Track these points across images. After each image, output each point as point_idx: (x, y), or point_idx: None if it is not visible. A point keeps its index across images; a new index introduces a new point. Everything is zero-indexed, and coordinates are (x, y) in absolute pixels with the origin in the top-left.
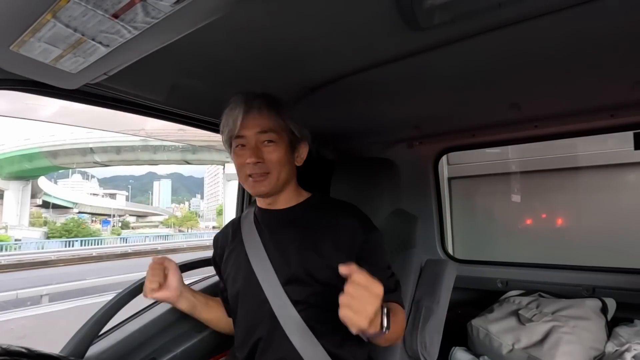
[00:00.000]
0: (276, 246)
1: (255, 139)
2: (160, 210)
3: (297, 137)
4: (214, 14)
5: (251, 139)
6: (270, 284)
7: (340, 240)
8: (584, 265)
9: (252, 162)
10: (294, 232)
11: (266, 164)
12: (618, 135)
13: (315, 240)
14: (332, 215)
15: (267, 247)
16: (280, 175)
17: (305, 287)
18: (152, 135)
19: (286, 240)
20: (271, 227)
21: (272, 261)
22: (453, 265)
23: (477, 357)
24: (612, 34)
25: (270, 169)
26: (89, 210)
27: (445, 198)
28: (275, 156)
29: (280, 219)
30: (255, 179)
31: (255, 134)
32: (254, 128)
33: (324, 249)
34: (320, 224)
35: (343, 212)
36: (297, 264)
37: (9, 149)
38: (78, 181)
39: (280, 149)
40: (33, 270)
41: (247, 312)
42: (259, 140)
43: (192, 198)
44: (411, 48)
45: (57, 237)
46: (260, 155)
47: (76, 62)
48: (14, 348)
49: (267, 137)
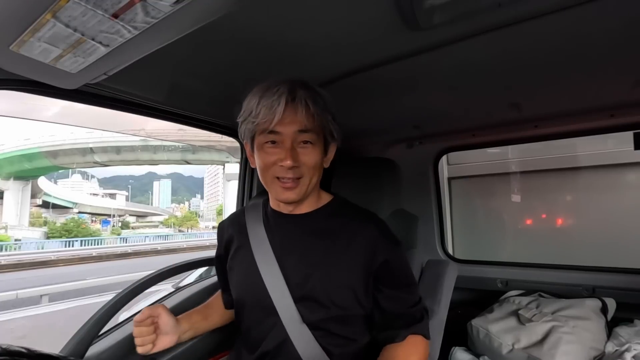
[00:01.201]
0: (289, 256)
1: (292, 137)
2: (160, 210)
3: (334, 138)
4: (214, 14)
5: (287, 137)
6: (281, 296)
7: (358, 256)
8: (584, 265)
9: (288, 166)
10: (309, 242)
11: (300, 168)
12: (618, 135)
13: (332, 255)
14: (352, 225)
15: (277, 255)
16: (312, 180)
17: (320, 307)
18: (152, 135)
19: (301, 251)
20: (284, 233)
21: (284, 272)
22: (454, 266)
23: (477, 357)
24: (612, 34)
25: (304, 174)
26: (89, 210)
27: (445, 198)
28: (311, 160)
29: (297, 226)
30: (285, 184)
31: (293, 132)
32: (294, 125)
33: (343, 266)
34: (339, 236)
35: (364, 224)
36: (313, 281)
37: (9, 149)
38: (78, 181)
39: (317, 151)
40: (33, 271)
41: (254, 322)
42: (296, 140)
43: (192, 198)
44: (411, 48)
45: (57, 237)
46: (297, 159)
47: (76, 62)
48: (14, 348)
49: (306, 138)
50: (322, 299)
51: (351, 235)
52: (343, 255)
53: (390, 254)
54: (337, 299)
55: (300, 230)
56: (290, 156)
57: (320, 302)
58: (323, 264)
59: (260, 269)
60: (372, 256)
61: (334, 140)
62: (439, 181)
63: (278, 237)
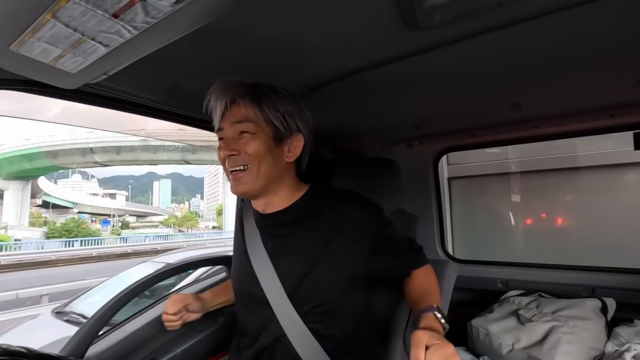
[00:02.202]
0: (279, 253)
1: (232, 130)
2: (160, 210)
3: (281, 130)
4: (214, 14)
5: (228, 130)
6: (275, 293)
7: (350, 238)
8: (583, 265)
9: (226, 155)
10: (296, 237)
11: (241, 156)
12: (617, 135)
13: (320, 245)
14: (336, 209)
15: (269, 252)
16: (261, 169)
17: (314, 303)
18: (152, 135)
19: (289, 247)
20: (271, 232)
21: (277, 268)
22: (454, 266)
23: (477, 357)
24: (612, 34)
25: (248, 162)
26: (89, 210)
27: (445, 198)
28: (251, 148)
29: (279, 224)
30: (235, 175)
31: (231, 124)
32: (230, 119)
33: (332, 254)
34: (324, 223)
35: (348, 204)
36: (306, 280)
37: (8, 149)
38: (78, 181)
39: (258, 140)
40: (33, 271)
41: (251, 317)
42: (235, 131)
43: (192, 198)
44: (411, 48)
45: (56, 237)
46: (233, 147)
47: (76, 62)
48: (13, 348)
49: (242, 128)
50: (315, 295)
51: (334, 223)
52: (331, 241)
53: (380, 227)
54: (329, 294)
55: (282, 226)
56: (227, 145)
57: (313, 299)
58: (312, 261)
59: (254, 267)
60: (362, 235)
61: (293, 133)
62: (439, 181)
63: (266, 235)
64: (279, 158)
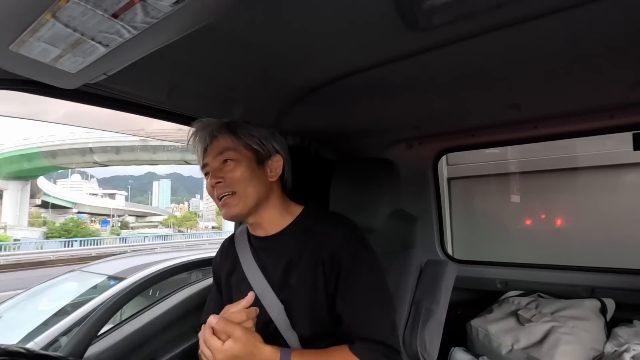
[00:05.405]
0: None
1: (216, 161)
2: (160, 211)
3: (261, 152)
4: (214, 14)
5: (213, 163)
6: (274, 307)
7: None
8: (583, 265)
9: (213, 184)
10: (285, 265)
11: (227, 182)
12: (617, 135)
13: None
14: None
15: (264, 271)
16: (247, 192)
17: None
18: (152, 135)
19: (279, 271)
20: (265, 253)
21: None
22: (453, 266)
23: (476, 357)
24: (611, 34)
25: (234, 187)
26: (88, 210)
27: (444, 198)
28: (236, 174)
29: (270, 249)
30: (224, 201)
31: (214, 157)
32: (212, 152)
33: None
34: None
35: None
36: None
37: (8, 149)
38: (77, 181)
39: (241, 166)
40: (32, 271)
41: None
42: (219, 161)
43: (191, 198)
44: (411, 48)
45: (56, 237)
46: (219, 175)
47: (75, 62)
48: (13, 348)
49: (225, 156)
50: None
51: (316, 250)
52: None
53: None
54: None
55: (273, 252)
56: (214, 175)
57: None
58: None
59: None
60: (330, 261)
61: (272, 154)
62: (439, 181)
63: (260, 256)
64: (263, 179)
